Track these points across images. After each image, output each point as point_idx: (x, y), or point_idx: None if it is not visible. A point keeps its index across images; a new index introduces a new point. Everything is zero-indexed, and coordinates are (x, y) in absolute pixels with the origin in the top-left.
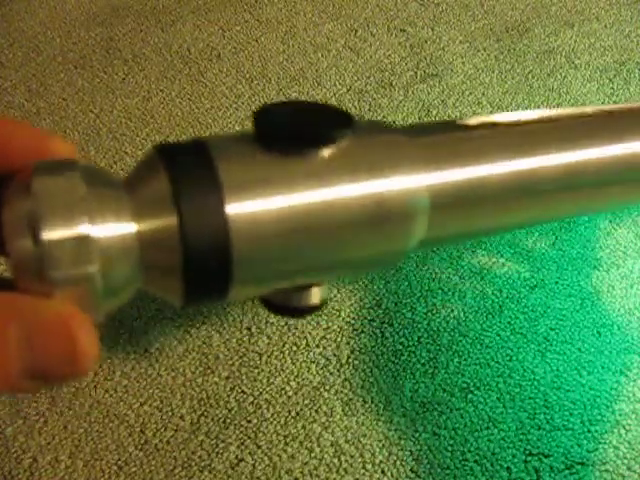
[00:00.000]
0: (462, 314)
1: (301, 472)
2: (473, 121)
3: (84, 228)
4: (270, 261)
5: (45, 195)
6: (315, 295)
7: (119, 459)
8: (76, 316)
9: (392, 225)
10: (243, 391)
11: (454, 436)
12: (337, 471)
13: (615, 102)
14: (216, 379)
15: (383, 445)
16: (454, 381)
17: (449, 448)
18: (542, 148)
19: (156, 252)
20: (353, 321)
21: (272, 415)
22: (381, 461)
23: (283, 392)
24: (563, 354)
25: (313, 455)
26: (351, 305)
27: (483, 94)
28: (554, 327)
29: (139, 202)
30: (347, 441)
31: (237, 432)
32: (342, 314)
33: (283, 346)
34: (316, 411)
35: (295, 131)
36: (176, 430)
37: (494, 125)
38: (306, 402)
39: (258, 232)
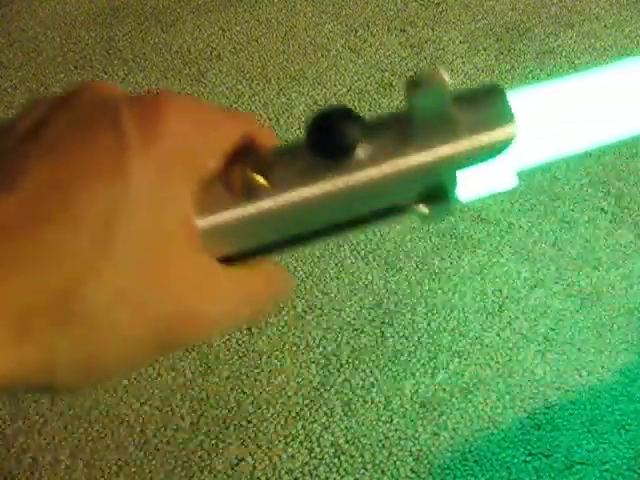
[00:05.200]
0: (462, 314)
1: (301, 472)
2: None
3: None
4: None
5: None
6: None
7: (119, 459)
8: None
9: None
10: (243, 391)
11: (454, 436)
12: (337, 471)
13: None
14: (216, 379)
15: (383, 445)
16: (454, 381)
17: (449, 448)
18: None
19: None
20: (353, 321)
21: (272, 415)
22: (381, 461)
23: (283, 392)
24: (563, 354)
25: (313, 455)
26: (351, 305)
27: None
28: (554, 327)
29: None
30: (347, 441)
31: (237, 432)
32: (342, 314)
33: (283, 346)
34: (316, 411)
35: None
36: (176, 430)
37: None
38: (306, 402)
39: None
